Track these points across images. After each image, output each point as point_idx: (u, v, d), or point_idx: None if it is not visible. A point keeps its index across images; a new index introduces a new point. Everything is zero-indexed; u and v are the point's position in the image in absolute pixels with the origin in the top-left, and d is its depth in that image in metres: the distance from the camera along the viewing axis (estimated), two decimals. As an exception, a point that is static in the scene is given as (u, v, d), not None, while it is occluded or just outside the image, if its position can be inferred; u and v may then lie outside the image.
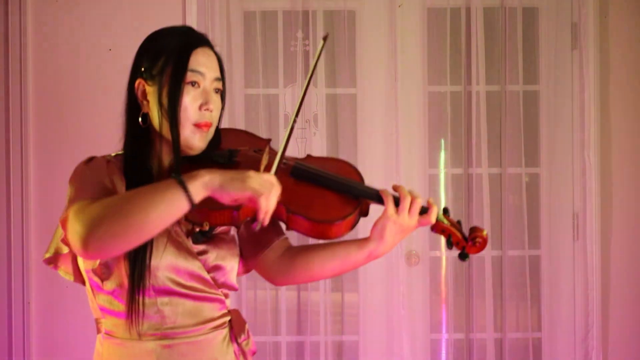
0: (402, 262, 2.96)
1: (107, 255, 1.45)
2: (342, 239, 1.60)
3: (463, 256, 1.63)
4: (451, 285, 3.02)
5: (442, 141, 3.05)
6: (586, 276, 2.95)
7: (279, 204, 1.48)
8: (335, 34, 3.00)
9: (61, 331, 2.83)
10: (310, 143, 2.97)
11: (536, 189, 3.03)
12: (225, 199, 1.38)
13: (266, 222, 1.42)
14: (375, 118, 2.99)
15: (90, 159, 1.58)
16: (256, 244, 1.71)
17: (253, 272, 2.87)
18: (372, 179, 2.95)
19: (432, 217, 1.59)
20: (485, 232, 1.62)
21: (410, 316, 2.97)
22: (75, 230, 1.37)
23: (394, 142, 2.96)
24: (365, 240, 1.61)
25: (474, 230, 1.63)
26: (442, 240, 1.63)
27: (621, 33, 2.97)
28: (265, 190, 1.38)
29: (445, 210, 1.63)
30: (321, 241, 1.64)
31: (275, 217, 1.52)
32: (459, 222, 1.64)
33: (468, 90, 2.98)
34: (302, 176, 1.59)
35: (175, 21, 2.85)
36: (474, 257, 2.97)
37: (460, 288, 3.00)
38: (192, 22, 2.86)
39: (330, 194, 1.56)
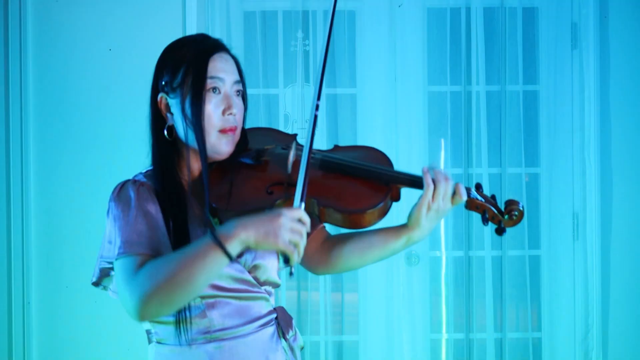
0: (402, 262, 2.96)
1: (160, 317, 1.54)
2: (378, 225, 1.60)
3: (500, 231, 1.59)
4: (451, 285, 3.02)
5: (442, 141, 3.05)
6: (586, 276, 2.95)
7: (310, 198, 1.50)
8: (335, 34, 3.00)
9: (61, 331, 2.83)
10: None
11: (536, 189, 3.03)
12: (258, 248, 1.44)
13: (299, 260, 1.45)
14: (375, 118, 2.99)
15: (122, 190, 1.56)
16: None
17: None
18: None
19: (464, 195, 1.58)
20: (521, 205, 1.59)
21: (410, 316, 2.97)
22: (127, 301, 1.44)
23: (394, 142, 2.96)
24: (402, 227, 1.63)
25: (509, 203, 1.59)
26: (479, 217, 1.60)
27: (621, 33, 2.97)
28: (296, 237, 1.41)
29: (478, 187, 1.62)
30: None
31: (308, 212, 1.51)
32: (493, 197, 1.61)
33: (468, 90, 2.98)
34: (330, 168, 1.59)
35: (175, 21, 2.86)
36: (474, 257, 2.98)
37: (460, 288, 3.00)
38: (192, 22, 2.86)
39: (360, 183, 1.56)
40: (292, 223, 1.41)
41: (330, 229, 1.80)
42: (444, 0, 3.00)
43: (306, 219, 1.43)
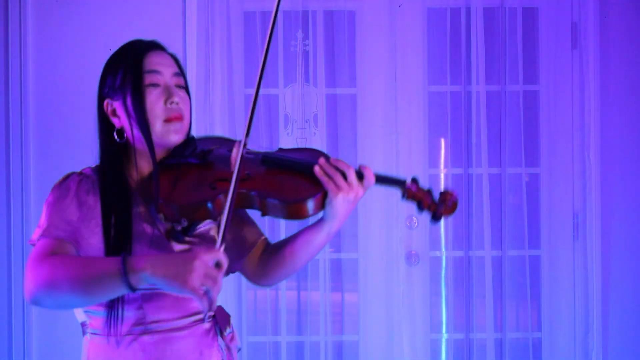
0: (402, 262, 2.96)
1: (53, 309, 1.55)
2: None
3: (435, 218, 1.67)
4: (451, 285, 3.02)
5: (442, 141, 3.05)
6: (586, 276, 2.95)
7: (252, 192, 1.55)
8: (335, 34, 3.00)
9: (61, 331, 2.83)
10: (310, 143, 2.97)
11: (536, 189, 3.03)
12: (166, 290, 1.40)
13: (212, 310, 1.44)
14: (375, 118, 2.99)
15: (63, 181, 1.62)
16: (240, 246, 1.75)
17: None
18: (372, 179, 2.96)
19: (371, 179, 1.61)
20: (455, 194, 1.68)
21: (410, 316, 2.97)
22: (25, 280, 1.46)
23: (394, 142, 2.96)
24: (320, 222, 1.65)
25: (443, 193, 1.68)
26: (415, 208, 1.67)
27: (621, 33, 2.97)
28: (208, 283, 1.34)
29: (414, 180, 1.68)
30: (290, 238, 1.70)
31: (250, 206, 1.58)
32: (429, 190, 1.68)
33: (468, 90, 2.98)
34: (271, 164, 1.65)
35: (175, 21, 2.86)
36: (474, 257, 2.98)
37: (460, 288, 3.00)
38: (192, 22, 2.86)
39: (299, 177, 1.62)
40: (207, 268, 1.34)
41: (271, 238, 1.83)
42: (444, 0, 3.00)
43: (224, 262, 1.38)
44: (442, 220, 2.90)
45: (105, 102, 1.63)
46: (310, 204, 1.57)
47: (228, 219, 1.46)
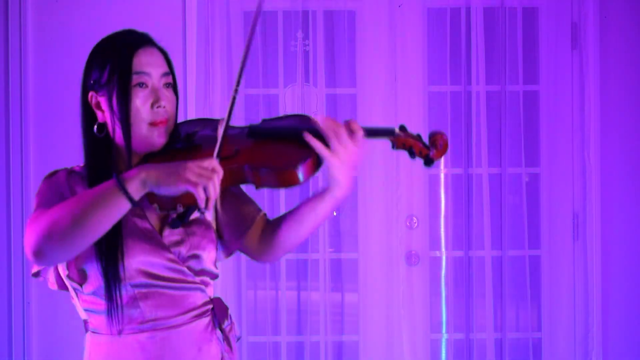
0: (402, 262, 2.96)
1: (58, 262, 1.54)
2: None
3: (428, 162, 1.64)
4: (451, 285, 3.02)
5: (442, 141, 3.05)
6: (586, 276, 2.95)
7: (243, 166, 1.54)
8: (335, 34, 3.00)
9: (61, 331, 2.82)
10: (310, 143, 2.97)
11: (536, 189, 3.03)
12: (165, 192, 1.41)
13: (210, 208, 1.42)
14: (375, 118, 2.99)
15: (53, 174, 1.63)
16: (238, 224, 1.72)
17: (253, 272, 2.88)
18: (373, 179, 2.96)
19: (360, 132, 1.58)
20: (445, 134, 1.65)
21: (410, 316, 2.97)
22: (28, 238, 1.44)
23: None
24: (324, 191, 1.63)
25: (432, 134, 1.64)
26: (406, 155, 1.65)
27: (621, 33, 2.97)
28: (203, 180, 1.38)
29: (402, 127, 1.65)
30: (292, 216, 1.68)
31: (243, 180, 1.56)
32: (418, 135, 1.65)
33: (468, 90, 2.98)
34: (259, 135, 1.64)
35: (175, 21, 2.86)
36: (474, 257, 2.98)
37: (460, 288, 3.00)
38: (192, 22, 2.86)
39: (288, 143, 1.60)
40: (200, 169, 1.39)
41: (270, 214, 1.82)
42: (444, 0, 3.00)
43: (219, 169, 1.41)
44: (442, 222, 2.90)
45: (90, 94, 1.64)
46: (303, 168, 1.55)
47: (225, 135, 1.49)
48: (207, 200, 1.39)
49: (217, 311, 1.65)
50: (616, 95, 2.97)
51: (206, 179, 1.38)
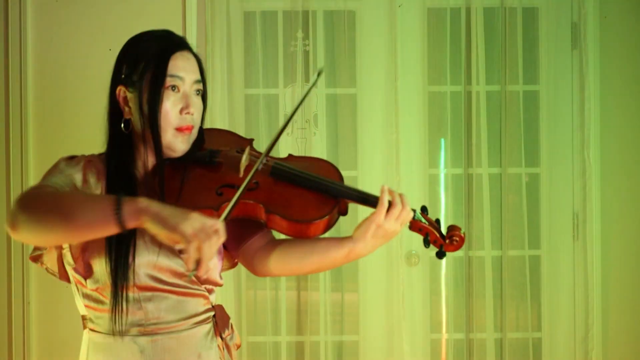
0: (402, 262, 2.96)
1: (32, 242, 1.50)
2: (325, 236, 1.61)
3: (440, 254, 1.63)
4: (451, 285, 3.01)
5: (442, 141, 3.05)
6: (586, 276, 2.95)
7: (258, 204, 1.51)
8: (335, 34, 3.00)
9: (61, 331, 2.82)
10: (310, 143, 2.97)
11: (536, 189, 3.03)
12: (158, 233, 1.36)
13: (200, 272, 1.39)
14: (375, 118, 2.99)
15: (71, 157, 1.62)
16: (239, 236, 1.73)
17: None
18: (372, 179, 2.96)
19: (410, 215, 1.60)
20: (463, 231, 1.63)
21: (410, 316, 2.97)
22: (14, 203, 1.41)
23: (394, 142, 2.96)
24: (346, 239, 1.61)
25: (451, 228, 1.63)
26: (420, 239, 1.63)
27: (621, 33, 2.96)
28: (200, 238, 1.34)
29: (424, 209, 1.64)
30: None
31: (255, 217, 1.54)
32: (437, 221, 1.64)
33: (468, 90, 2.98)
34: (281, 176, 1.61)
35: (175, 21, 2.86)
36: (474, 257, 2.98)
37: (460, 288, 3.00)
38: (192, 22, 2.86)
39: (308, 194, 1.57)
40: (204, 224, 1.34)
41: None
42: (444, 0, 3.00)
43: (222, 233, 1.37)
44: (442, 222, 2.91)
45: (119, 87, 1.60)
46: (318, 225, 1.53)
47: (239, 197, 1.44)
48: (198, 261, 1.35)
49: (219, 319, 1.65)
50: (616, 95, 2.97)
51: (204, 239, 1.34)
